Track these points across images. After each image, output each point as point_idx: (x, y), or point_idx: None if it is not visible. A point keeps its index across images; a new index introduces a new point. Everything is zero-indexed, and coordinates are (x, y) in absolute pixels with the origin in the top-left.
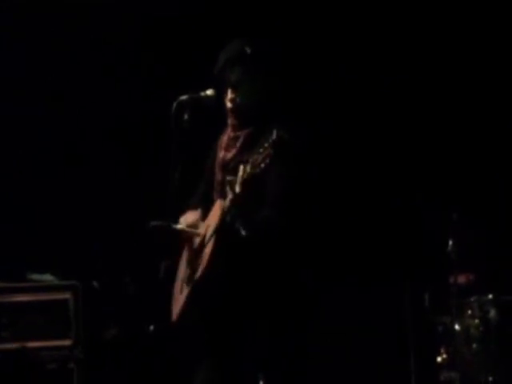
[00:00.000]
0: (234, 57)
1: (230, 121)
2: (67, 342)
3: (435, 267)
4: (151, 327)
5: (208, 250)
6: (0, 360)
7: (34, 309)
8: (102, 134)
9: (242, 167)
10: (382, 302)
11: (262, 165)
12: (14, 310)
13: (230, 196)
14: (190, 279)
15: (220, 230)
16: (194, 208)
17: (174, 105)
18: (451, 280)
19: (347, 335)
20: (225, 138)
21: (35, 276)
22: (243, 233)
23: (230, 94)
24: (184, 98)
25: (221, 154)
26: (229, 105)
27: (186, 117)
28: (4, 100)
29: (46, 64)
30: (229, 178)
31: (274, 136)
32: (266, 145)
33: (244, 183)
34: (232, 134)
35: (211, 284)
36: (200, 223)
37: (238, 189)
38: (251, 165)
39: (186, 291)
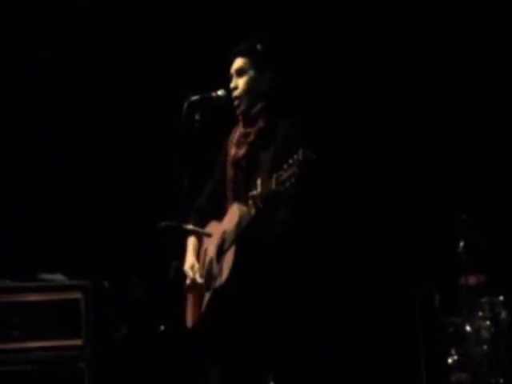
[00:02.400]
0: (243, 49)
1: (240, 117)
2: (77, 342)
3: (446, 268)
4: (161, 327)
5: (229, 258)
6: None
7: (45, 308)
8: (112, 135)
9: (264, 182)
10: (392, 303)
11: (287, 183)
12: (24, 310)
13: (252, 210)
14: (209, 285)
15: (241, 240)
16: (202, 210)
17: (185, 105)
18: (462, 281)
19: (357, 336)
20: (236, 135)
21: (46, 276)
22: (265, 242)
23: (232, 82)
24: (195, 98)
25: (232, 151)
26: (232, 94)
27: (197, 117)
28: (14, 103)
29: (57, 66)
30: (251, 193)
31: (301, 156)
32: (290, 161)
33: (267, 199)
34: (243, 131)
35: (233, 291)
36: (213, 224)
37: (261, 204)
38: (275, 181)
39: (204, 298)
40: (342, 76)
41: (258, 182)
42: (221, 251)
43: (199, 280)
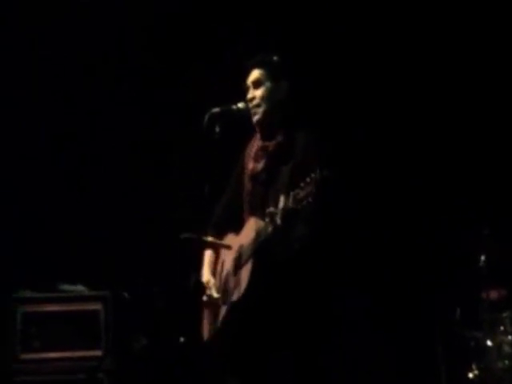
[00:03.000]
0: (259, 60)
1: (257, 129)
2: (97, 353)
3: (467, 282)
4: (181, 339)
5: (245, 273)
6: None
7: (65, 319)
8: (133, 147)
9: (282, 198)
10: (413, 317)
11: (304, 202)
12: (44, 320)
13: (269, 227)
14: (225, 298)
15: (258, 255)
16: (219, 222)
17: (206, 117)
18: (483, 295)
19: (377, 349)
20: (253, 148)
21: (66, 286)
22: (281, 258)
23: (249, 94)
24: (216, 110)
25: (250, 164)
26: (249, 105)
27: (217, 129)
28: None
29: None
30: (269, 210)
31: (318, 175)
32: (308, 180)
33: (284, 217)
34: (261, 144)
35: (250, 306)
36: (231, 236)
37: (278, 221)
38: (293, 199)
39: (221, 311)
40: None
41: (275, 199)
42: (238, 265)
43: (215, 295)
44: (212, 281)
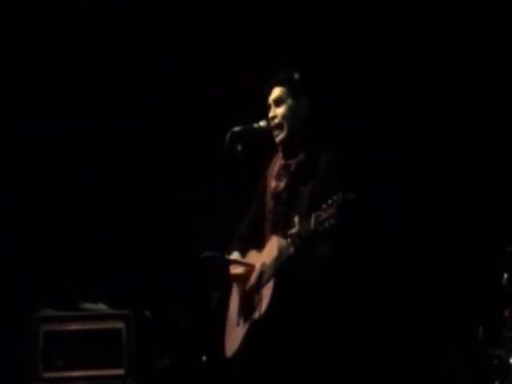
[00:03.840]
0: (280, 78)
1: (280, 148)
2: (120, 372)
3: (490, 300)
4: (204, 358)
5: (267, 291)
6: None
7: (87, 338)
8: (155, 163)
9: (304, 220)
10: (436, 335)
11: (326, 224)
12: (67, 339)
13: (291, 248)
14: (247, 317)
15: (280, 274)
16: (243, 239)
17: (228, 136)
18: (506, 313)
19: (399, 369)
20: (276, 167)
21: (88, 305)
22: (303, 277)
23: (271, 112)
24: (237, 129)
25: (272, 183)
26: (271, 123)
27: (239, 147)
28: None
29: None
30: (290, 231)
31: (340, 198)
32: (330, 202)
33: (306, 238)
34: (283, 163)
35: (271, 324)
36: (253, 253)
37: (299, 243)
38: (314, 221)
39: (242, 329)
40: (382, 107)
41: (297, 219)
42: (260, 283)
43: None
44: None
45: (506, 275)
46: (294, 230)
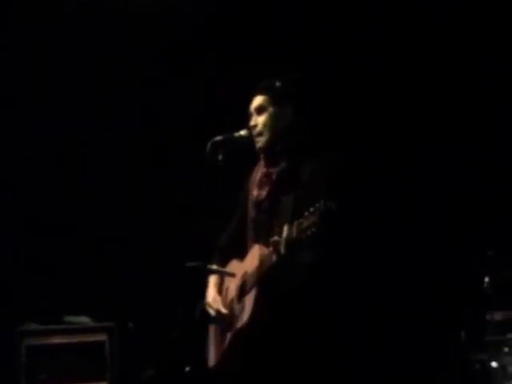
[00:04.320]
0: (262, 87)
1: (261, 156)
2: None
3: (472, 304)
4: (187, 368)
5: (250, 300)
6: None
7: (71, 351)
8: (134, 179)
9: (286, 228)
10: (418, 340)
11: (308, 232)
12: (50, 353)
13: (273, 256)
14: (230, 326)
15: (262, 283)
16: (224, 249)
17: (208, 145)
18: (488, 317)
19: (385, 375)
20: (258, 175)
21: (71, 318)
22: (286, 286)
23: (252, 121)
24: (218, 138)
25: (254, 192)
26: (252, 132)
27: (220, 157)
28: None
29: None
30: (272, 239)
31: (322, 206)
32: (312, 209)
33: (288, 246)
34: (265, 171)
35: (254, 333)
36: (235, 263)
37: (282, 250)
38: (296, 229)
39: (225, 338)
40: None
41: (279, 228)
42: (242, 292)
43: (224, 310)
44: (218, 297)
45: (487, 279)
46: (275, 238)
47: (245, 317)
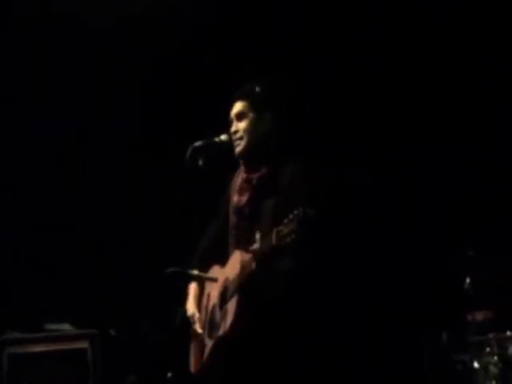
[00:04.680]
0: (242, 93)
1: (241, 162)
2: None
3: (452, 305)
4: (169, 374)
5: (231, 307)
6: None
7: (53, 358)
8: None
9: (265, 236)
10: (399, 341)
11: (288, 239)
12: (33, 361)
13: (253, 264)
14: (211, 332)
15: (243, 290)
16: (204, 254)
17: (189, 151)
18: (469, 317)
19: (366, 375)
20: (238, 181)
21: (53, 326)
22: (267, 293)
23: (233, 127)
24: (198, 143)
25: (235, 197)
26: (233, 138)
27: (200, 162)
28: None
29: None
30: (252, 247)
31: (301, 213)
32: (291, 216)
33: (268, 254)
34: (245, 176)
35: (236, 340)
36: (216, 268)
37: (261, 258)
38: (275, 236)
39: (207, 344)
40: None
41: (258, 235)
42: (223, 299)
43: (199, 331)
44: (197, 315)
45: (468, 279)
46: (255, 246)
47: (227, 324)
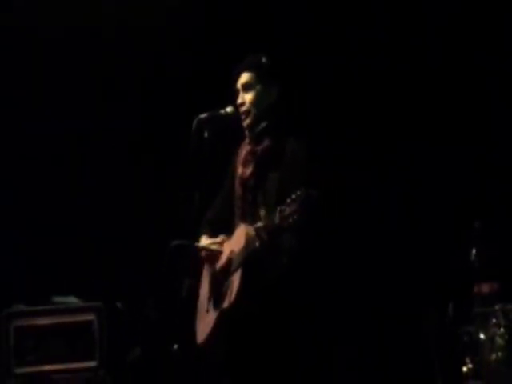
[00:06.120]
0: (249, 63)
1: (247, 134)
2: (92, 364)
3: (459, 277)
4: (175, 346)
5: (236, 280)
6: None
7: (59, 331)
8: (121, 161)
9: (268, 215)
10: (406, 314)
11: (290, 219)
12: (38, 333)
13: (257, 242)
14: (216, 303)
15: (247, 266)
16: (211, 223)
17: (194, 123)
18: (475, 289)
19: (370, 347)
20: (243, 153)
21: (59, 298)
22: (270, 271)
23: (239, 98)
24: (204, 115)
25: (239, 169)
26: (239, 109)
27: (206, 134)
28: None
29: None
30: (256, 225)
31: (303, 194)
32: (293, 196)
33: (271, 233)
34: (249, 148)
35: (239, 315)
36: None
37: (265, 237)
38: (279, 216)
39: (212, 315)
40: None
41: (262, 213)
42: (228, 271)
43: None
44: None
45: (474, 251)
46: (259, 224)
47: (232, 296)
